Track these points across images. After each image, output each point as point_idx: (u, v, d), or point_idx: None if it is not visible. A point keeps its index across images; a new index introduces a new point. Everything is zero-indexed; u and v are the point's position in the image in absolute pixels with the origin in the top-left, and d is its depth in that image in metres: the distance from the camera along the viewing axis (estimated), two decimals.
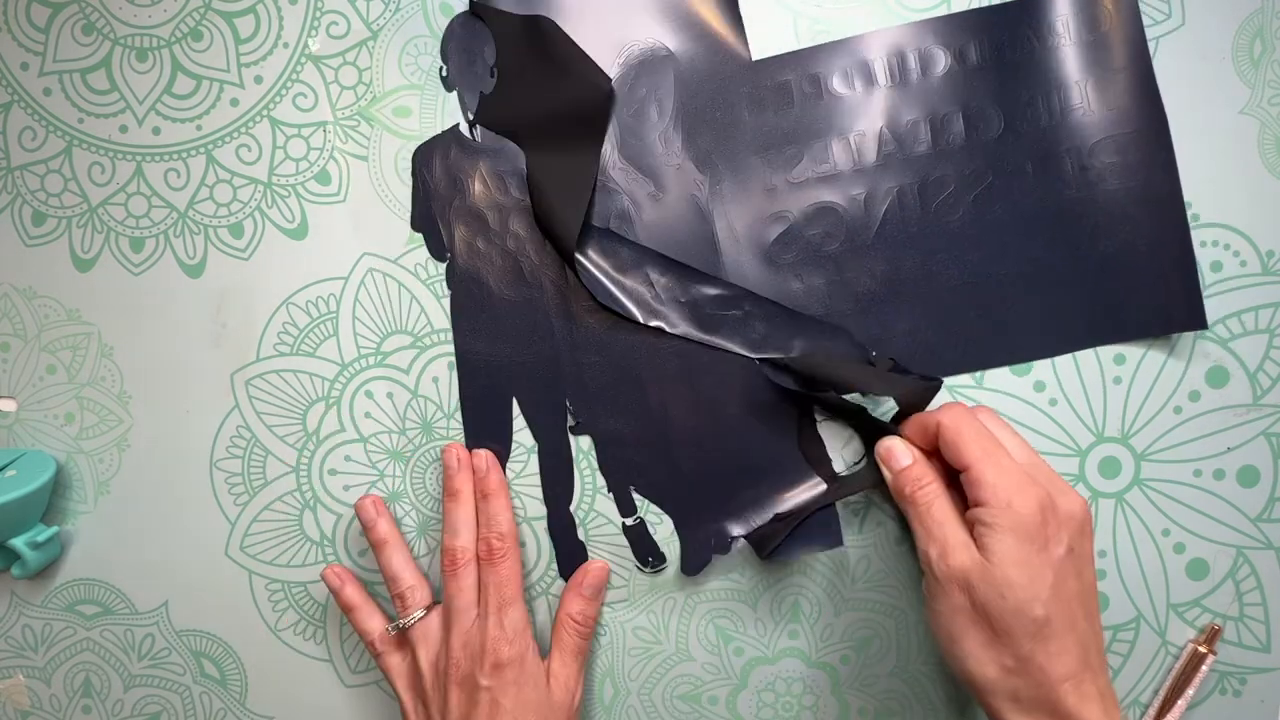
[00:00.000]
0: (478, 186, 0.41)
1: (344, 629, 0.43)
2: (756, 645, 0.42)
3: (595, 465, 0.41)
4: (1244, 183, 0.40)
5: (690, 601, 0.42)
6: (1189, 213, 0.40)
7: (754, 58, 0.40)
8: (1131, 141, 0.39)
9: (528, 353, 0.41)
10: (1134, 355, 0.40)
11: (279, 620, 0.43)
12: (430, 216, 0.42)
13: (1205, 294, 0.40)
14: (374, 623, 0.41)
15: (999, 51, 0.40)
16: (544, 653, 0.40)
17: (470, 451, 0.41)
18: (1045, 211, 0.40)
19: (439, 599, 0.41)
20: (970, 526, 0.34)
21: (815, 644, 0.42)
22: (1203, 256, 0.40)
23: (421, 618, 0.39)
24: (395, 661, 0.40)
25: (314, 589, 0.43)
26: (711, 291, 0.41)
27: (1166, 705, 0.40)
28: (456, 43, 0.41)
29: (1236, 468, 0.40)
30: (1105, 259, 0.40)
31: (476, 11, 0.41)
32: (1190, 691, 0.40)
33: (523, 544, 0.42)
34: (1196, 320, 0.39)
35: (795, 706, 0.42)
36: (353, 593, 0.41)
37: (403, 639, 0.40)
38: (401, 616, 0.40)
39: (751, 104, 0.41)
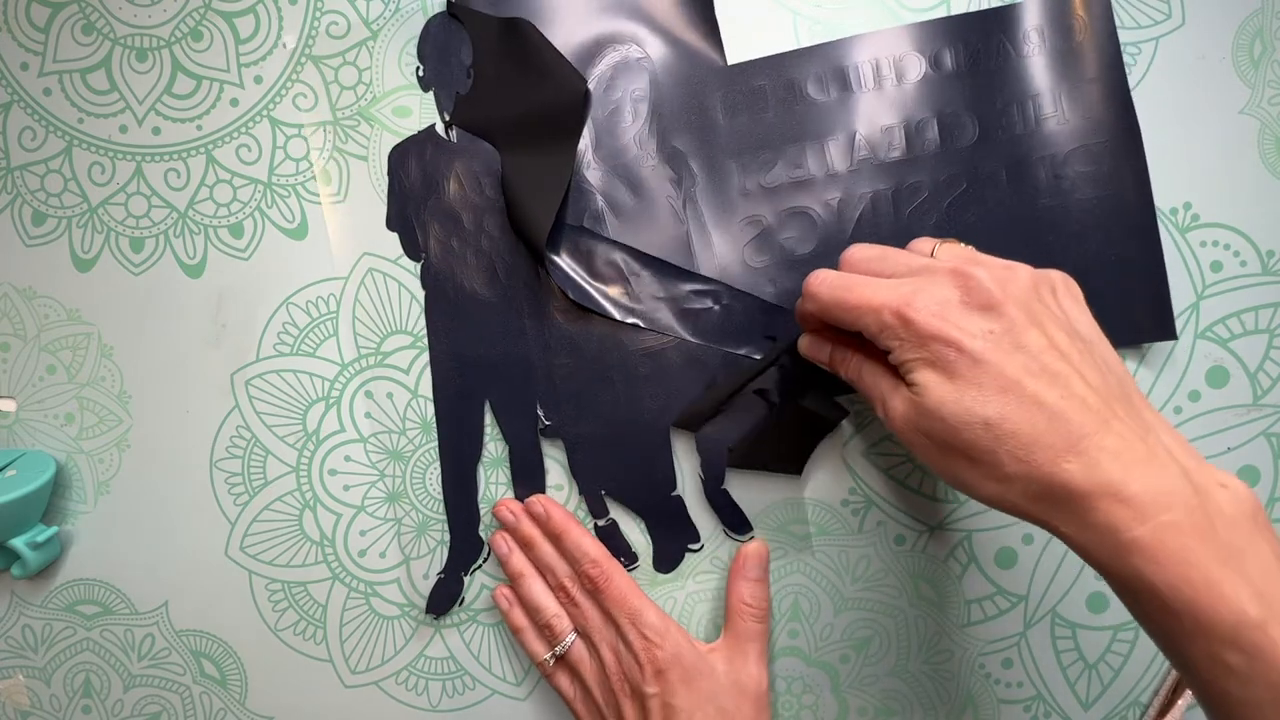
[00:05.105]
0: (453, 186, 0.41)
1: (344, 629, 0.43)
2: None
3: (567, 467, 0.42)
4: (1244, 183, 0.40)
5: (690, 600, 0.42)
6: (1189, 213, 0.40)
7: (729, 62, 0.41)
8: (1105, 150, 0.39)
9: (500, 354, 0.41)
10: (1133, 355, 0.40)
11: (279, 620, 0.43)
12: (405, 216, 0.42)
13: (1205, 294, 0.40)
14: (540, 645, 0.41)
15: (974, 59, 0.40)
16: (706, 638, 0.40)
17: (522, 501, 0.41)
18: (1019, 219, 0.40)
19: None
20: (895, 371, 0.31)
21: (815, 643, 0.42)
22: (1203, 256, 0.40)
23: (574, 641, 0.40)
24: (565, 684, 0.40)
25: (314, 589, 0.43)
26: (687, 287, 0.41)
27: (1167, 705, 0.40)
28: (433, 43, 0.41)
29: (1236, 468, 0.40)
30: (1077, 268, 0.39)
31: (454, 13, 0.41)
32: (1190, 692, 0.40)
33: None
34: (1166, 331, 0.39)
35: (795, 705, 0.42)
36: (520, 616, 0.41)
37: (564, 663, 0.40)
38: (554, 645, 0.40)
39: (726, 108, 0.41)
